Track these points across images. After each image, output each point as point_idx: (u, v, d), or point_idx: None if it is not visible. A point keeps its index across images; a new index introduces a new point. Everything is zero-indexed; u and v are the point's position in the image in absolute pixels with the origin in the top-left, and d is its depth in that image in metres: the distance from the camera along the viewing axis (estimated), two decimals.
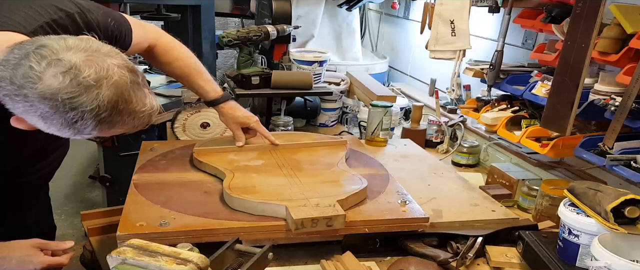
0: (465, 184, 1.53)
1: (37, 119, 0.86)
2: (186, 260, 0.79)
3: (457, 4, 1.82)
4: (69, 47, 0.86)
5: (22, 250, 1.11)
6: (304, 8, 2.71)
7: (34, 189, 1.43)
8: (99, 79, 0.85)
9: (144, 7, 2.66)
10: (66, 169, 1.48)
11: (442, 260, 1.16)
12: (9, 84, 0.83)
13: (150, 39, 1.37)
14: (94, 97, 0.84)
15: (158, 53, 1.41)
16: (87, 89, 0.84)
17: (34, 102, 0.83)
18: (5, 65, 0.84)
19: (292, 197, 1.21)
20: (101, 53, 0.88)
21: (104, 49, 0.89)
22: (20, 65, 0.83)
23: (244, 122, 1.55)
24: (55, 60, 0.84)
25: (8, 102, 0.86)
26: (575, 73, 1.35)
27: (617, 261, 0.94)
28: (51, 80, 0.83)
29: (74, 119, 0.85)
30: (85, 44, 0.88)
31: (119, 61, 0.89)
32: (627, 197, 1.01)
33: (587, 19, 1.31)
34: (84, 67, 0.84)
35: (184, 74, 1.47)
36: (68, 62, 0.84)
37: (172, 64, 1.44)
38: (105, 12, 1.15)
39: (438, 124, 2.09)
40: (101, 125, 0.88)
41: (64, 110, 0.84)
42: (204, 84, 1.49)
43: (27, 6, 1.02)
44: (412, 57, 2.79)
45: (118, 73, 0.87)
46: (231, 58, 3.97)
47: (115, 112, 0.88)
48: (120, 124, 0.90)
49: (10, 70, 0.83)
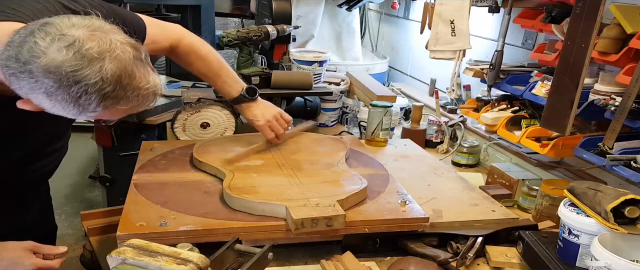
0: (465, 184, 1.53)
1: (42, 96, 0.87)
2: (186, 260, 0.79)
3: (457, 4, 1.82)
4: (73, 24, 0.88)
5: (15, 252, 1.11)
6: (304, 8, 2.71)
7: (34, 189, 1.43)
8: (101, 51, 0.86)
9: (144, 7, 2.66)
10: (66, 169, 1.48)
11: (442, 260, 1.16)
12: (14, 62, 0.85)
13: (172, 39, 1.38)
14: (97, 70, 0.85)
15: (182, 52, 1.42)
16: (91, 61, 0.85)
17: (39, 77, 0.84)
18: (11, 45, 0.86)
19: (292, 197, 1.21)
20: (104, 30, 0.90)
21: (106, 27, 0.91)
22: (25, 42, 0.85)
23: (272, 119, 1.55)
24: (60, 36, 0.85)
25: (13, 82, 0.87)
26: (575, 73, 1.35)
27: (617, 261, 0.94)
28: (55, 54, 0.84)
29: (77, 93, 0.85)
30: (89, 22, 0.90)
31: (121, 38, 0.90)
32: (627, 197, 1.01)
33: (587, 19, 1.31)
34: (87, 41, 0.86)
35: (209, 72, 1.48)
36: (71, 36, 0.85)
37: (195, 63, 1.45)
38: (108, 10, 1.15)
39: (438, 124, 2.09)
40: (105, 101, 0.88)
41: (68, 83, 0.85)
42: (229, 81, 1.50)
43: (36, 1, 1.04)
44: (412, 57, 2.79)
45: (121, 48, 0.89)
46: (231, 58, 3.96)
47: (119, 87, 0.88)
48: (125, 100, 0.91)
49: (16, 48, 0.85)
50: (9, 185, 1.29)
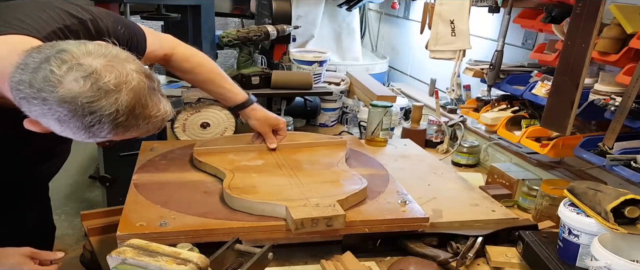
0: (465, 184, 1.53)
1: (53, 122, 0.86)
2: (186, 260, 0.79)
3: (457, 4, 1.82)
4: (89, 52, 0.87)
5: (14, 258, 1.11)
6: (304, 8, 2.71)
7: (34, 191, 1.44)
8: (118, 84, 0.86)
9: (144, 7, 2.66)
10: (66, 169, 1.48)
11: (442, 260, 1.16)
12: (27, 87, 0.84)
13: (166, 47, 1.37)
14: (113, 101, 0.85)
15: (178, 60, 1.41)
16: (107, 93, 0.85)
17: (53, 105, 0.84)
18: (24, 69, 0.85)
19: (292, 197, 1.21)
20: (120, 59, 0.89)
21: (122, 55, 0.90)
22: (40, 69, 0.84)
23: (276, 124, 1.54)
24: (76, 65, 0.84)
25: (24, 105, 0.86)
26: (575, 73, 1.35)
27: (617, 261, 0.94)
28: (72, 85, 0.83)
29: (91, 122, 0.85)
30: (105, 50, 0.89)
31: (136, 67, 0.90)
32: (627, 197, 1.01)
33: (587, 19, 1.31)
34: (105, 72, 0.85)
35: (208, 79, 1.46)
36: (89, 66, 0.84)
37: (195, 70, 1.44)
38: (116, 19, 1.15)
39: (438, 124, 2.09)
40: (117, 129, 0.88)
41: (83, 114, 0.84)
42: (230, 87, 1.48)
43: (41, 10, 1.03)
44: (412, 57, 2.79)
45: (136, 78, 0.88)
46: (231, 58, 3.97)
47: (132, 117, 0.88)
48: (135, 128, 0.91)
49: (30, 73, 0.84)
50: (15, 185, 1.29)
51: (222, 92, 1.49)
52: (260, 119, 1.52)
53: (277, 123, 1.54)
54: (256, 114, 1.51)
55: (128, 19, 1.31)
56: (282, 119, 1.56)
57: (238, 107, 1.51)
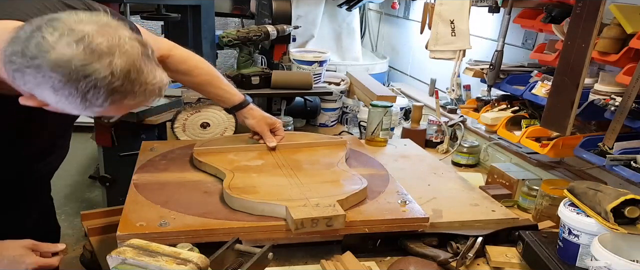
0: (465, 184, 1.53)
1: (48, 91, 0.86)
2: (186, 260, 0.79)
3: (457, 4, 1.82)
4: (81, 20, 0.87)
5: (15, 250, 1.11)
6: (304, 8, 2.71)
7: (34, 190, 1.43)
8: (111, 46, 0.86)
9: (144, 7, 2.66)
10: (66, 169, 1.49)
11: (442, 260, 1.16)
12: (20, 57, 0.84)
13: (163, 49, 1.38)
14: (107, 64, 0.85)
15: (174, 62, 1.42)
16: (100, 56, 0.84)
17: (46, 71, 0.83)
18: (16, 41, 0.85)
19: (292, 197, 1.21)
20: (112, 25, 0.89)
21: (114, 23, 0.90)
22: (32, 37, 0.84)
23: (273, 123, 1.56)
24: (69, 30, 0.84)
25: (18, 78, 0.86)
26: (575, 73, 1.35)
27: (617, 261, 0.94)
28: (64, 49, 0.83)
29: (86, 88, 0.85)
30: (97, 18, 0.89)
31: (129, 33, 0.90)
32: (627, 197, 1.01)
33: (587, 19, 1.31)
34: (97, 36, 0.85)
35: (205, 81, 1.48)
36: (81, 31, 0.85)
37: (193, 72, 1.45)
38: (113, 13, 1.15)
39: (438, 124, 2.09)
40: (113, 96, 0.87)
41: (77, 78, 0.84)
42: (227, 88, 1.50)
43: (37, 1, 1.03)
44: (412, 57, 2.79)
45: (129, 43, 0.88)
46: (231, 58, 3.97)
47: (128, 82, 0.88)
48: (131, 95, 0.90)
49: (22, 43, 0.84)
50: (15, 184, 1.29)
51: (220, 93, 1.51)
52: (258, 118, 1.54)
53: (273, 122, 1.56)
54: (253, 114, 1.54)
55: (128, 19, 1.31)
56: (277, 119, 1.58)
57: (235, 108, 1.53)
